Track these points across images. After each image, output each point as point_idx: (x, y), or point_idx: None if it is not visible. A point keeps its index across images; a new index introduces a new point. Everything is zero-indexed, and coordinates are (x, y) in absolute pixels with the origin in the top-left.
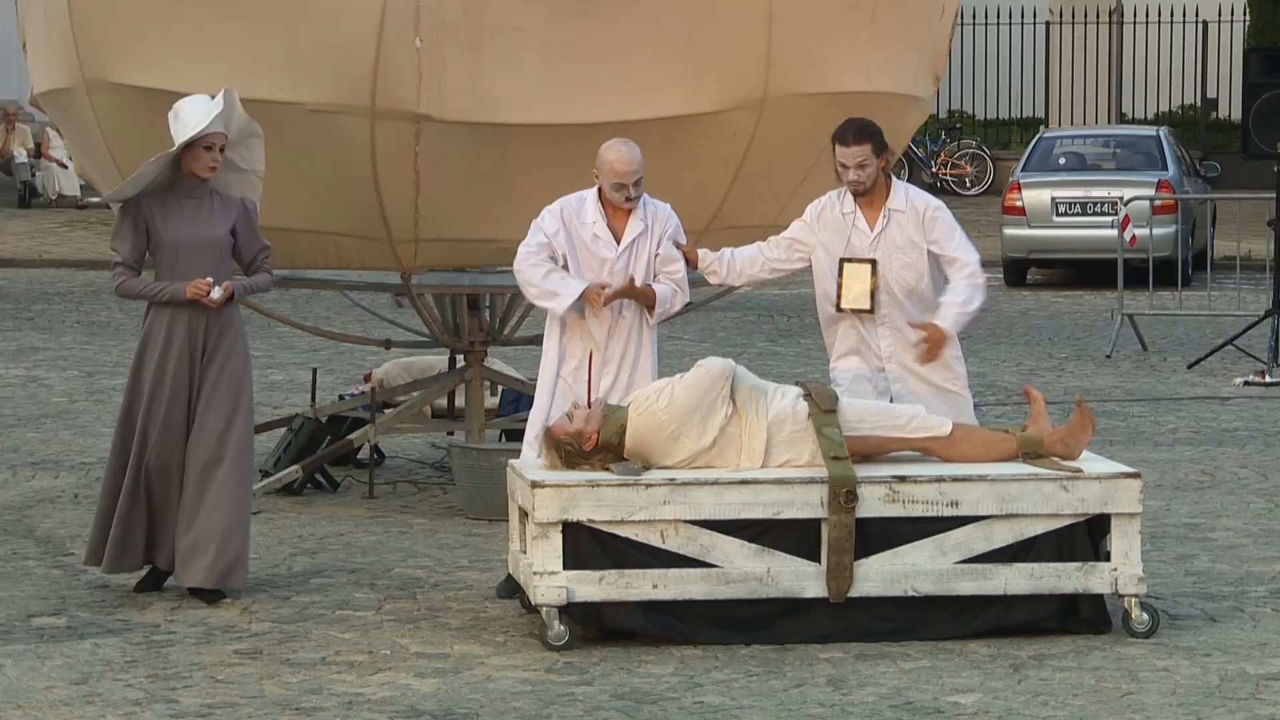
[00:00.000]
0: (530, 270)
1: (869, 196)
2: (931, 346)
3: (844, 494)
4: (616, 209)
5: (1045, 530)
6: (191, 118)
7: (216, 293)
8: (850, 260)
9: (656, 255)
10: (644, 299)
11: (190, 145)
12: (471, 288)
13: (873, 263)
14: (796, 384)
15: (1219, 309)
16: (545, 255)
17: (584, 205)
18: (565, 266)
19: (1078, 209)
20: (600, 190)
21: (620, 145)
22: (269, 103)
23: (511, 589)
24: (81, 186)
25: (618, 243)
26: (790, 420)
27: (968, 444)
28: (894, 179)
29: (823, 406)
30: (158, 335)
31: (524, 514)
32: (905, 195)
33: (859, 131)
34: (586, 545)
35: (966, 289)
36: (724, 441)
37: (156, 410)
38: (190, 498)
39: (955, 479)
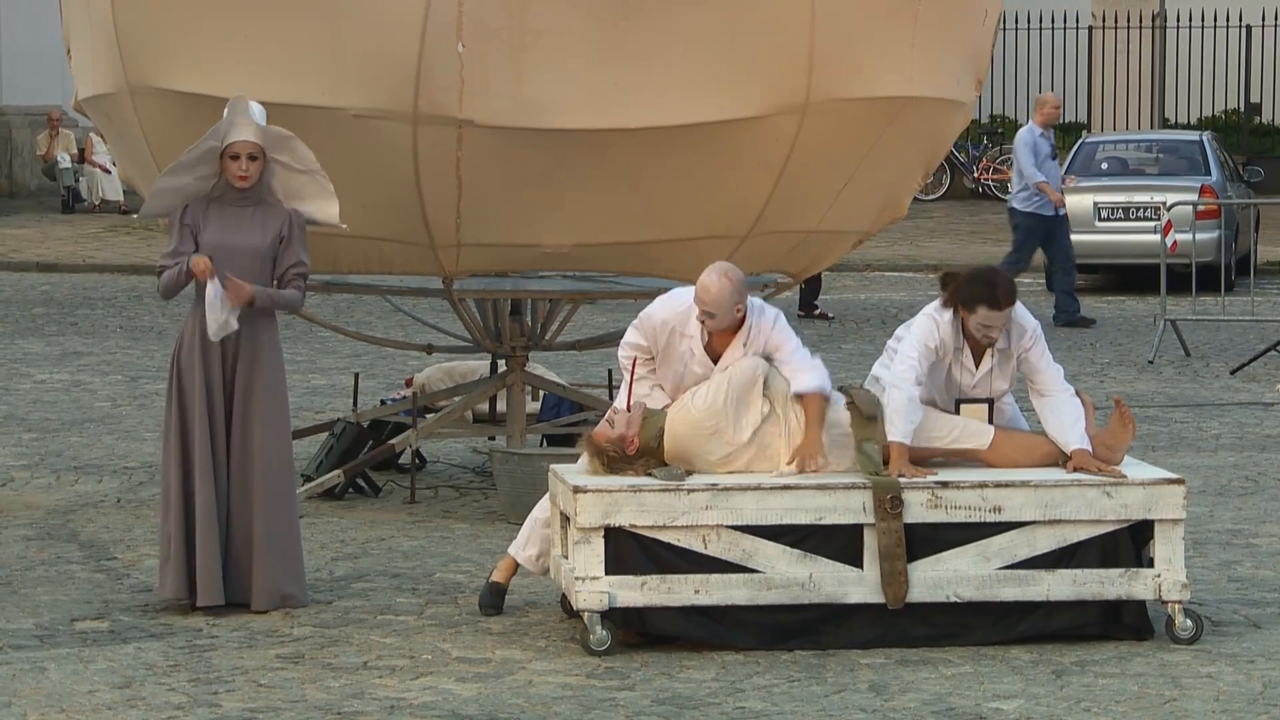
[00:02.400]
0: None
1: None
2: (1089, 466)
3: (889, 499)
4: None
5: (1088, 536)
6: (219, 127)
7: (213, 293)
8: (967, 401)
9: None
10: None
11: (223, 155)
12: (513, 292)
13: (990, 402)
14: (839, 389)
15: (1262, 314)
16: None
17: (690, 317)
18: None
19: (1120, 214)
20: None
21: (713, 274)
22: (311, 108)
23: (493, 601)
24: (125, 191)
25: (714, 363)
26: (832, 427)
27: (1010, 447)
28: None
29: (864, 412)
30: (190, 344)
31: (566, 519)
32: (1008, 334)
33: (1009, 294)
34: (629, 550)
35: (1075, 407)
36: (762, 441)
37: (197, 426)
38: (247, 522)
39: (998, 484)
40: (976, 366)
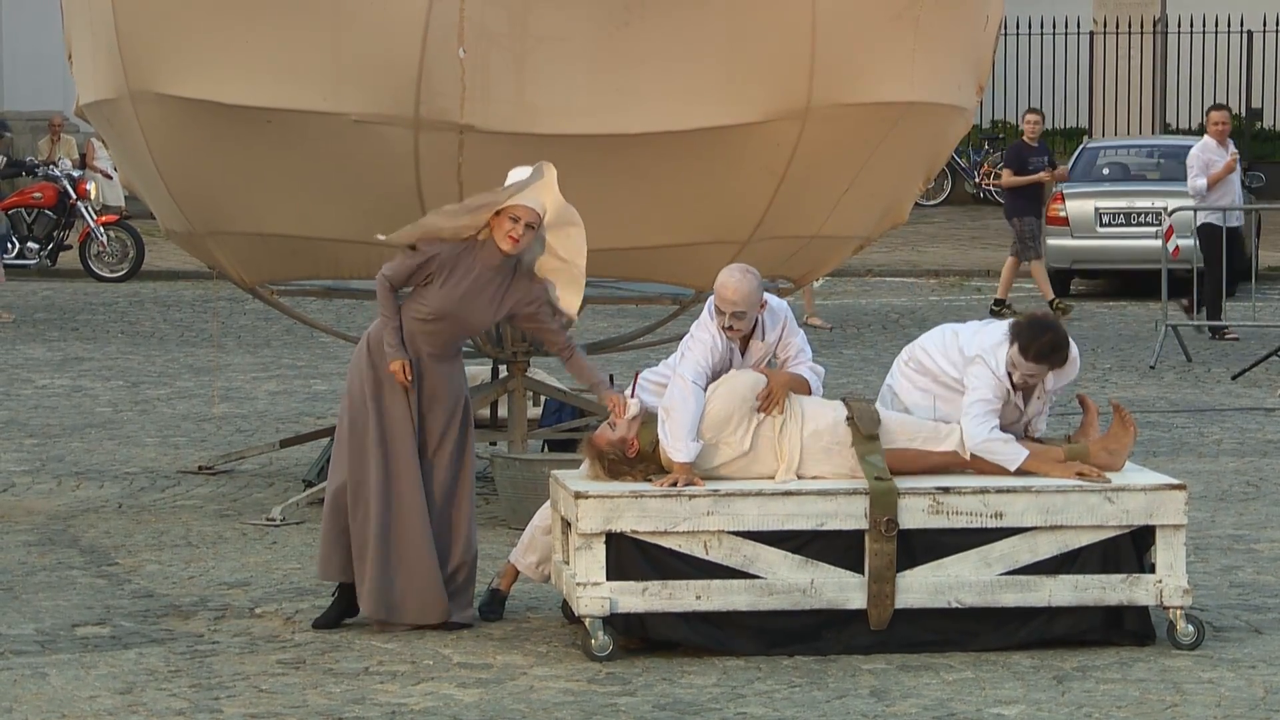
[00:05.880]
0: (689, 406)
1: None
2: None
3: (885, 522)
4: None
5: (1090, 542)
6: (507, 182)
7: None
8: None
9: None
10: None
11: (499, 212)
12: None
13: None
14: (841, 400)
15: (1263, 320)
16: (704, 387)
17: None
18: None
19: (1121, 219)
20: None
21: (735, 271)
22: (312, 113)
23: (494, 608)
24: (127, 197)
25: (741, 355)
26: (829, 434)
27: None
28: None
29: (864, 432)
30: (378, 352)
31: (567, 524)
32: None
33: (1041, 354)
34: (630, 556)
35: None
36: (760, 446)
37: (381, 427)
38: (440, 531)
39: (999, 490)
40: (1025, 405)
